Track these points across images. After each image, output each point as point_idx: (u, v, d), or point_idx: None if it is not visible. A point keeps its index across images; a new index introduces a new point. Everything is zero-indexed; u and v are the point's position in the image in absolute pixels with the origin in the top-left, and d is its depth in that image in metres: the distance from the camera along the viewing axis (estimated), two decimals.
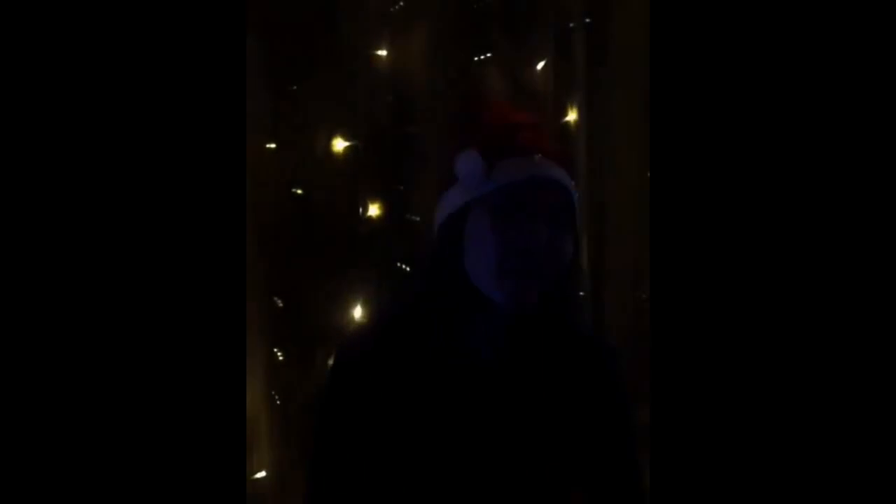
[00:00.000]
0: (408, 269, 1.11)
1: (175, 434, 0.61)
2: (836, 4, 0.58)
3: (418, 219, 1.24)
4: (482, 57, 1.29)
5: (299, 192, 1.23)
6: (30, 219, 0.58)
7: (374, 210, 1.23)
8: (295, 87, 1.22)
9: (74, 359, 0.59)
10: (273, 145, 1.22)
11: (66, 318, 0.58)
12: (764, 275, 0.59)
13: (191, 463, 0.61)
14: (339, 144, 1.21)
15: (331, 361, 0.98)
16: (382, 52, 1.22)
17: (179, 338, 0.61)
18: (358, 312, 1.21)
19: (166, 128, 0.61)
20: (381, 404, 0.89)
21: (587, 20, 1.36)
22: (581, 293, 1.34)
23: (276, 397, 1.27)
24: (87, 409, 0.59)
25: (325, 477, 0.93)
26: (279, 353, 1.26)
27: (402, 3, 1.25)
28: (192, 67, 0.62)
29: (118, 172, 0.60)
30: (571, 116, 1.35)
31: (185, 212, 0.62)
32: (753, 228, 0.60)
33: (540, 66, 1.32)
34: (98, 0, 0.59)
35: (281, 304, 1.25)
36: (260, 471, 1.26)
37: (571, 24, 1.31)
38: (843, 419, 0.57)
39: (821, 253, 0.58)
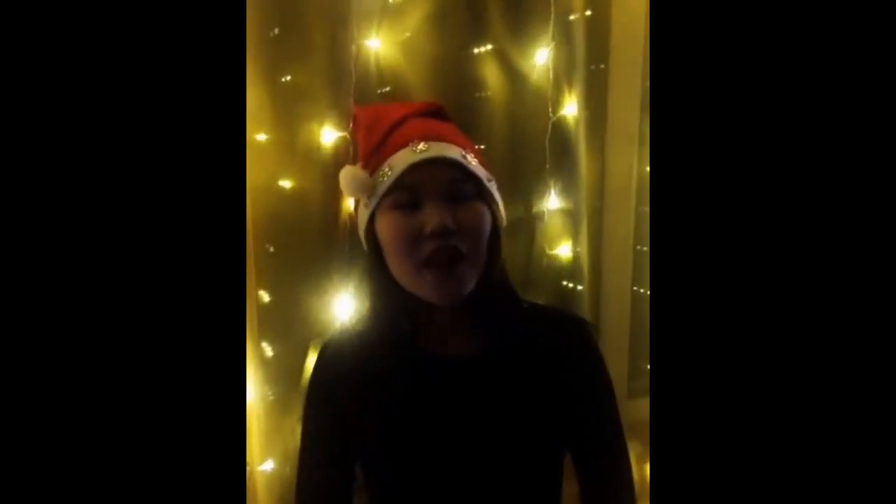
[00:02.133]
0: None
1: (174, 431, 0.60)
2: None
3: None
4: (481, 49, 1.28)
5: (288, 184, 1.22)
6: (23, 211, 0.57)
7: None
8: (288, 78, 1.21)
9: (73, 358, 0.58)
10: (262, 137, 1.20)
11: (62, 318, 0.57)
12: (764, 268, 0.59)
13: (189, 459, 0.61)
14: (329, 136, 1.19)
15: (313, 359, 0.98)
16: (376, 43, 1.21)
17: (178, 335, 0.61)
18: (345, 307, 1.20)
19: (160, 121, 0.60)
20: (365, 400, 0.89)
21: (587, 12, 1.36)
22: (579, 287, 1.34)
23: (269, 392, 1.27)
24: (85, 408, 0.58)
25: (313, 471, 0.94)
26: (267, 348, 1.25)
27: None
28: (189, 61, 0.61)
29: (110, 166, 0.59)
30: (569, 109, 1.35)
31: (183, 207, 0.61)
32: (754, 222, 0.60)
33: (541, 58, 1.32)
34: None
35: (268, 299, 1.24)
36: (252, 464, 1.26)
37: (572, 17, 1.31)
38: (843, 416, 0.57)
39: (821, 250, 0.58)
